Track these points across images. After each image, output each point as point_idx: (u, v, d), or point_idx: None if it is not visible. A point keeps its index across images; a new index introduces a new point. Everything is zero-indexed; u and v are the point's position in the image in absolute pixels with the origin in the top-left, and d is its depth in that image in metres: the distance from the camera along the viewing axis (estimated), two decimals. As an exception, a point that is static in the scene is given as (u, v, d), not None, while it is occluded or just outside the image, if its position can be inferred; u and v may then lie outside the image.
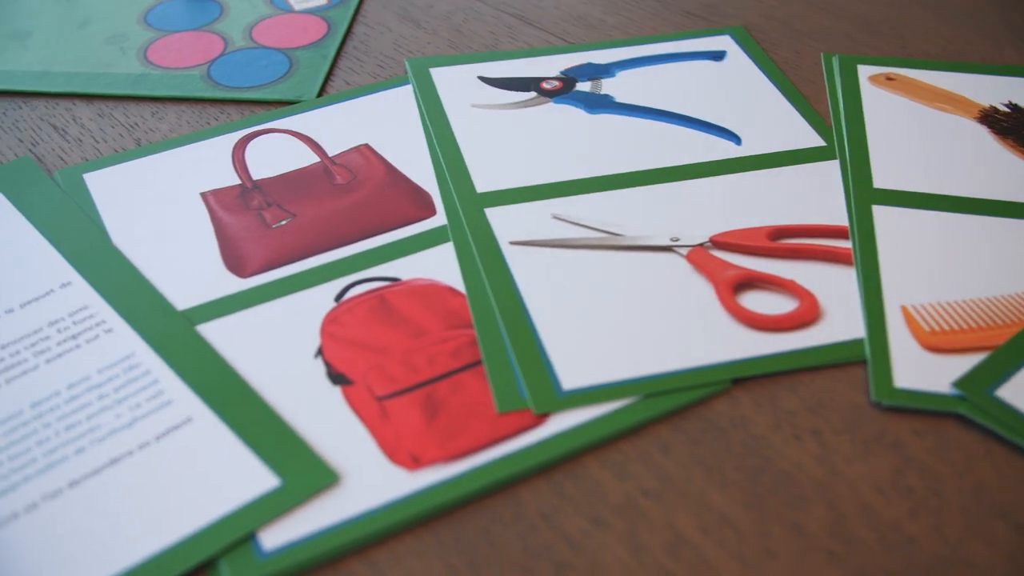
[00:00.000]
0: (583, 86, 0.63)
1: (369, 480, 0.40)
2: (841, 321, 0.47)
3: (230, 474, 0.40)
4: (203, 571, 0.38)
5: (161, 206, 0.54)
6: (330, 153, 0.58)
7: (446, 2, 0.73)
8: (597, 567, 0.38)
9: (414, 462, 0.41)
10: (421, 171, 0.56)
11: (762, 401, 0.44)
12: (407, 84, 0.64)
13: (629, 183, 0.55)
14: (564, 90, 0.63)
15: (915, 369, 0.44)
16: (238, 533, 0.38)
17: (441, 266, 0.50)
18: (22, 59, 0.67)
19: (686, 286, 0.49)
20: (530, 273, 0.49)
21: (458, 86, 0.63)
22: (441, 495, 0.40)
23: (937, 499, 0.40)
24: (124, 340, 0.46)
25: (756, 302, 0.48)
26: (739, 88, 0.63)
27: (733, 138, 0.58)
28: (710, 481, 0.41)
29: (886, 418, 0.43)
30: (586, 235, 0.51)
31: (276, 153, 0.58)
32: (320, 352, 0.46)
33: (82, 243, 0.51)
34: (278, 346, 0.46)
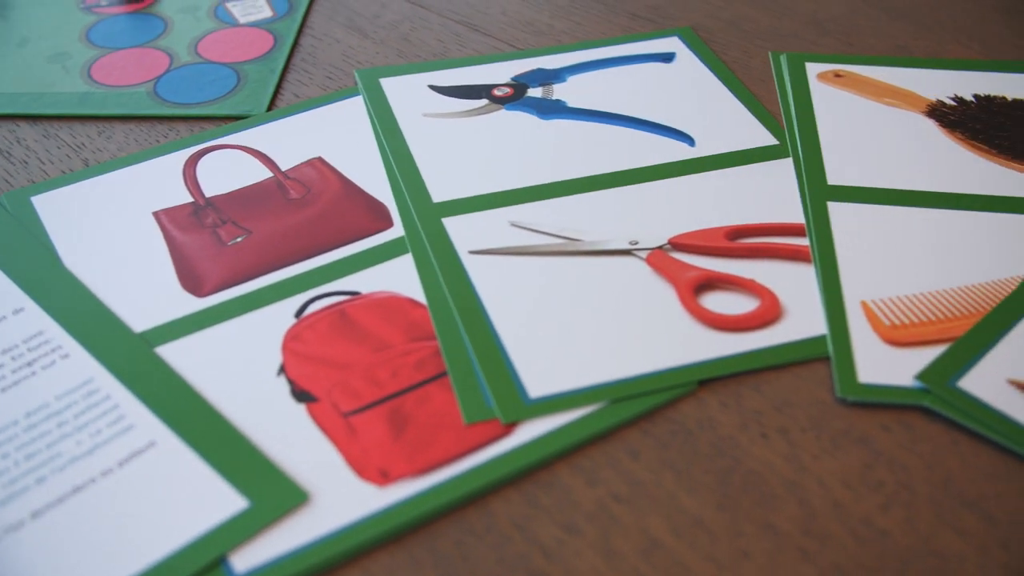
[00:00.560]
0: (534, 92, 0.63)
1: (339, 498, 0.40)
2: (802, 318, 0.47)
3: (197, 498, 0.39)
4: (173, 598, 0.37)
5: (113, 227, 0.53)
6: (283, 167, 0.57)
7: (393, 11, 0.73)
8: (572, 575, 0.38)
9: (383, 477, 0.40)
10: (376, 183, 0.56)
11: (728, 402, 0.44)
12: (357, 95, 0.63)
13: (585, 188, 0.55)
14: (516, 96, 0.63)
15: (878, 364, 0.44)
16: (208, 557, 0.37)
17: (401, 278, 0.50)
18: (-38, 81, 0.65)
19: (647, 289, 0.49)
20: (491, 282, 0.49)
21: (409, 96, 0.63)
22: (412, 510, 0.39)
23: (907, 492, 0.40)
24: (81, 365, 0.45)
25: (717, 303, 0.48)
26: (690, 89, 0.63)
27: (687, 139, 0.58)
28: (680, 484, 0.41)
29: (852, 413, 0.43)
30: (545, 241, 0.51)
31: (228, 169, 0.57)
32: (283, 370, 0.45)
33: (33, 268, 0.50)
34: (239, 365, 0.45)
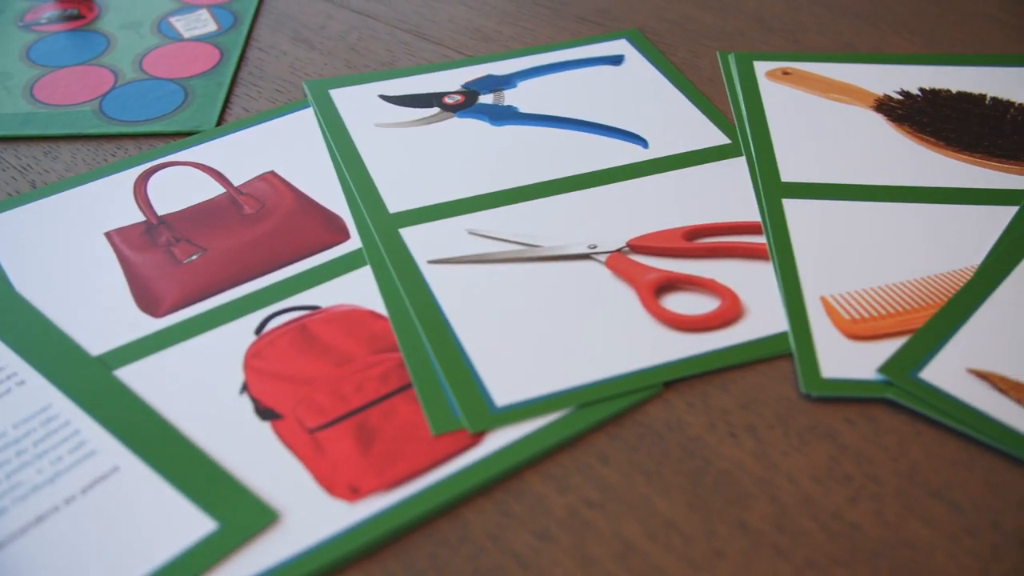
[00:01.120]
0: (485, 99, 0.63)
1: (309, 515, 0.39)
2: (763, 316, 0.47)
3: (165, 521, 0.39)
4: (145, 625, 0.36)
5: (64, 249, 0.52)
6: (235, 183, 0.56)
7: (339, 22, 0.73)
8: (549, 583, 0.38)
9: (353, 493, 0.40)
10: (331, 195, 0.55)
11: (695, 402, 0.44)
12: (307, 107, 0.63)
13: (542, 193, 0.55)
14: (467, 104, 0.62)
15: (840, 358, 0.45)
16: (179, 582, 0.37)
17: (360, 290, 0.49)
18: (-100, 105, 0.64)
19: (608, 292, 0.49)
20: (451, 291, 0.49)
21: (359, 106, 0.62)
22: (384, 524, 0.39)
23: (874, 484, 0.40)
24: (38, 392, 0.44)
25: (679, 303, 0.48)
26: (641, 91, 0.63)
27: (640, 141, 0.59)
28: (652, 487, 0.41)
29: (817, 409, 0.43)
30: (504, 248, 0.51)
31: (179, 186, 0.56)
32: (245, 388, 0.44)
33: (-16, 294, 0.49)
34: (201, 385, 0.45)
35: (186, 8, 0.74)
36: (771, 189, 0.54)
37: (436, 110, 0.62)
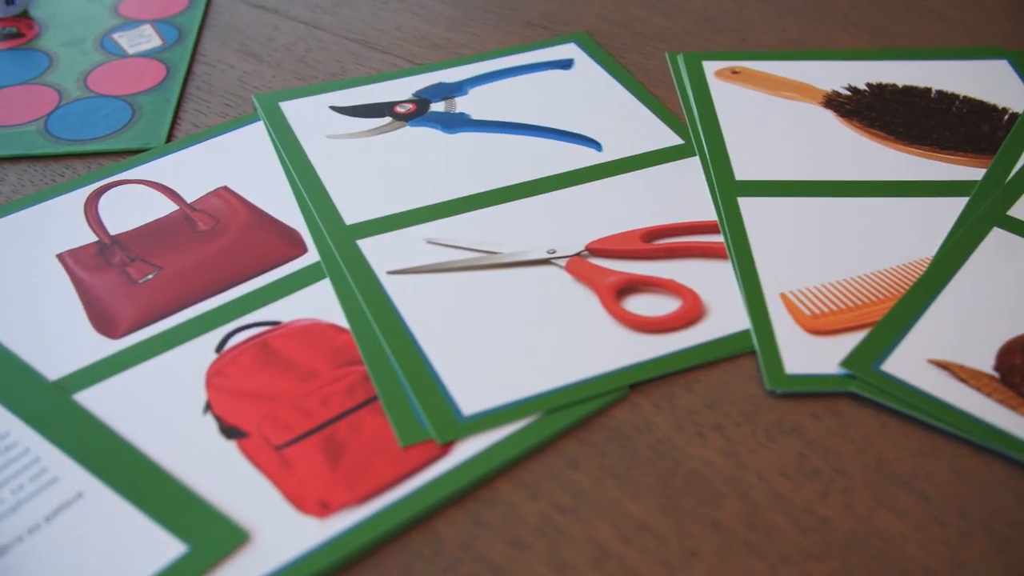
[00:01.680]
0: (437, 107, 0.63)
1: (280, 534, 0.39)
2: (725, 315, 0.48)
3: (133, 546, 0.38)
4: (117, 653, 0.36)
5: (16, 273, 0.51)
6: (188, 199, 0.56)
7: (286, 33, 0.72)
8: (525, 591, 0.37)
9: (324, 509, 0.40)
10: (286, 209, 0.55)
11: (661, 403, 0.44)
12: (258, 121, 0.62)
13: (498, 200, 0.55)
14: (419, 112, 0.62)
15: (803, 354, 0.45)
16: (150, 608, 0.36)
17: (321, 304, 0.49)
18: None
19: (570, 297, 0.49)
20: (412, 301, 0.49)
21: (310, 118, 0.62)
22: (356, 539, 0.39)
23: (843, 478, 0.41)
24: (-4, 419, 0.43)
25: (640, 305, 0.48)
26: (592, 95, 0.63)
27: (593, 145, 0.59)
28: (623, 490, 0.41)
29: (783, 405, 0.44)
30: (463, 256, 0.51)
31: (131, 205, 0.56)
32: (209, 407, 0.44)
33: (-66, 321, 0.48)
34: (164, 406, 0.44)
35: (129, 24, 0.73)
36: (726, 188, 0.54)
37: (388, 119, 0.62)
